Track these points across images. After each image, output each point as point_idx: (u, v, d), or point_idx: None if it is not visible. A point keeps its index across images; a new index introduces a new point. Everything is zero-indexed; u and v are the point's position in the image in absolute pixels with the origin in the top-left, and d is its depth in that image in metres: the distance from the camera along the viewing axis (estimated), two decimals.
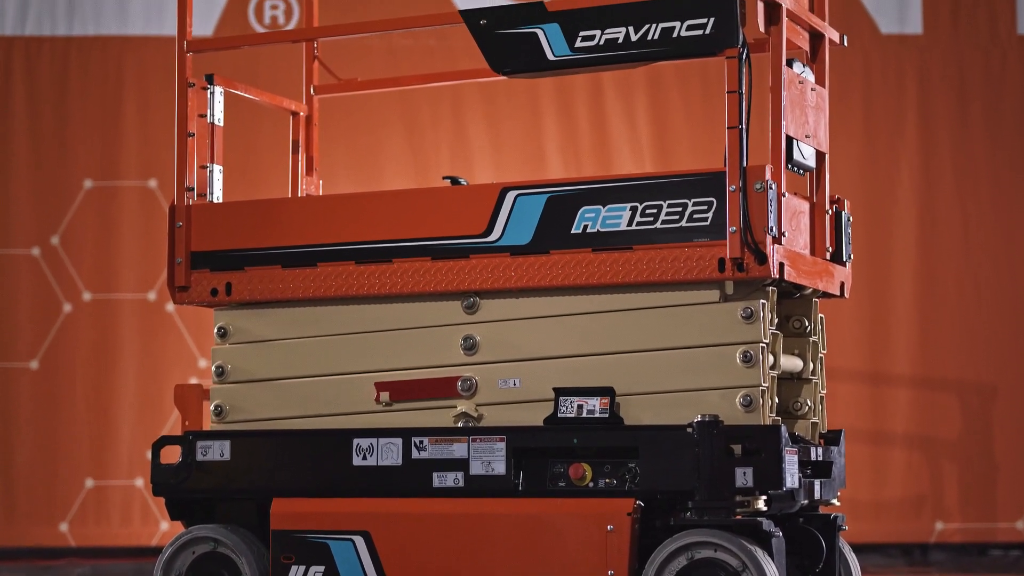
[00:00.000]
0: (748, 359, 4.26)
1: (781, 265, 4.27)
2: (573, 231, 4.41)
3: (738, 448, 4.20)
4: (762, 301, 4.28)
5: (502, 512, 4.38)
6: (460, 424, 4.53)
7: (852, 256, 4.76)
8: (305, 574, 4.54)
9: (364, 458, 4.55)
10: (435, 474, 4.47)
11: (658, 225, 4.33)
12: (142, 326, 8.08)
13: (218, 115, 4.91)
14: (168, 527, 7.92)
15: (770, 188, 4.23)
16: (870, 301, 7.93)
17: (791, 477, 4.23)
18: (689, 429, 4.23)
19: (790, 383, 4.66)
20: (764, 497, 4.23)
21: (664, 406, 4.33)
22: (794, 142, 4.43)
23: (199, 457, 4.72)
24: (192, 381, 7.05)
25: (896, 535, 7.92)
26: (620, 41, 4.37)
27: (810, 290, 4.60)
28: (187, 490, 4.75)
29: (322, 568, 4.53)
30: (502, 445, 4.42)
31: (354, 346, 4.67)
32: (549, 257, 4.43)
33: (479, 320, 4.55)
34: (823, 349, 4.72)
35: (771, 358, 4.33)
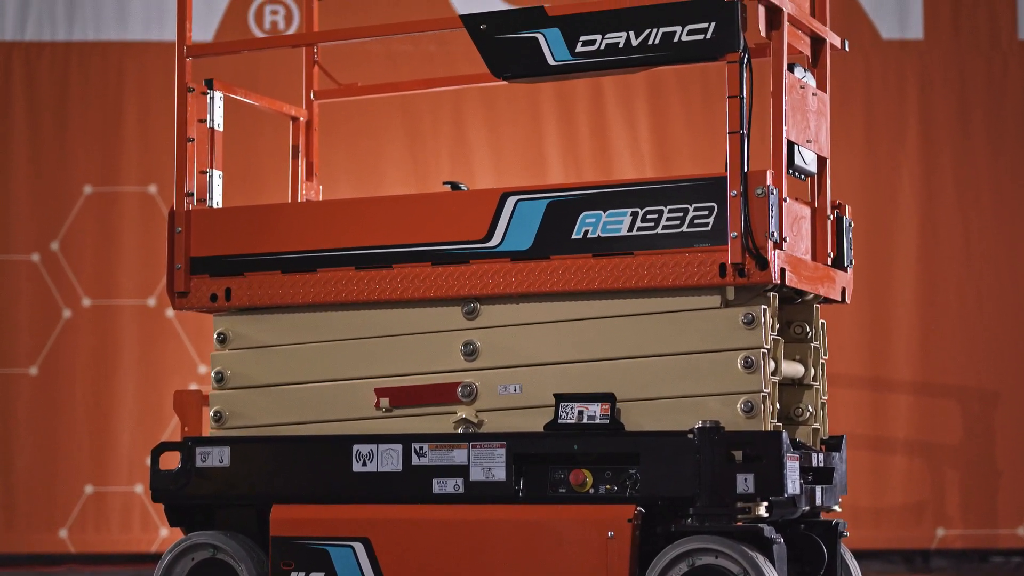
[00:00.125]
0: (749, 365, 4.25)
1: (782, 270, 4.26)
2: (574, 236, 4.40)
3: (739, 454, 4.19)
4: (763, 307, 4.27)
5: (502, 518, 4.37)
6: (460, 430, 4.52)
7: (853, 261, 4.74)
8: None
9: (364, 464, 4.54)
10: (435, 480, 4.46)
11: (659, 230, 4.32)
12: (142, 332, 8.07)
13: (218, 120, 4.90)
14: (168, 533, 7.91)
15: (771, 193, 4.22)
16: (871, 306, 7.91)
17: (792, 483, 4.22)
18: (690, 435, 4.22)
19: (791, 389, 4.65)
20: (765, 503, 4.23)
21: (665, 412, 4.32)
22: (795, 147, 4.42)
23: (198, 463, 4.71)
24: (192, 387, 7.04)
25: (897, 541, 7.91)
26: (621, 46, 4.36)
27: (811, 296, 4.59)
28: (186, 496, 4.73)
29: (322, 575, 4.51)
30: (502, 451, 4.41)
31: (354, 352, 4.66)
32: (550, 262, 4.42)
33: (479, 326, 4.54)
34: (824, 355, 4.71)
35: (772, 364, 4.31)
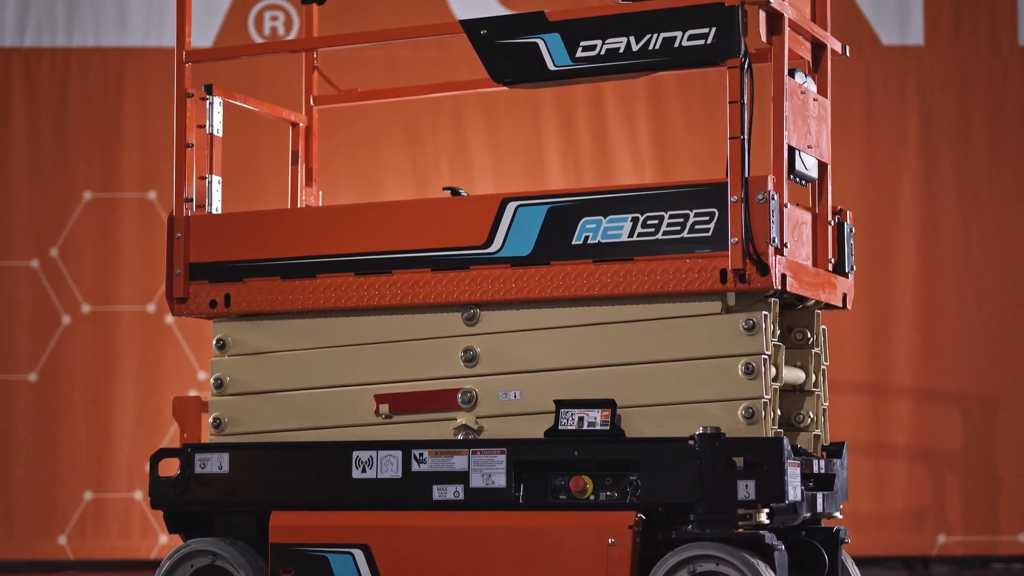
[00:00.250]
0: (750, 371, 4.24)
1: (783, 276, 4.25)
2: (574, 242, 4.39)
3: (740, 461, 4.18)
4: (764, 313, 4.26)
5: (502, 525, 4.36)
6: (460, 436, 4.50)
7: (855, 267, 4.74)
8: None
9: (364, 471, 4.53)
10: (435, 487, 4.45)
11: (659, 236, 4.31)
12: (141, 338, 8.06)
13: (217, 126, 4.89)
14: (167, 540, 7.90)
15: (772, 199, 4.21)
16: (871, 312, 7.91)
17: (793, 490, 4.21)
18: (691, 442, 4.21)
19: (792, 395, 4.64)
20: (766, 510, 4.21)
21: (666, 418, 4.31)
22: (796, 152, 4.41)
23: (197, 470, 4.70)
24: (191, 393, 7.03)
25: (898, 548, 7.90)
26: (621, 51, 4.35)
27: (812, 302, 4.58)
28: (185, 503, 4.72)
29: None
30: (502, 458, 4.40)
31: (353, 358, 4.65)
32: (550, 268, 4.41)
33: (479, 332, 4.53)
34: (825, 361, 4.70)
35: (773, 370, 4.30)
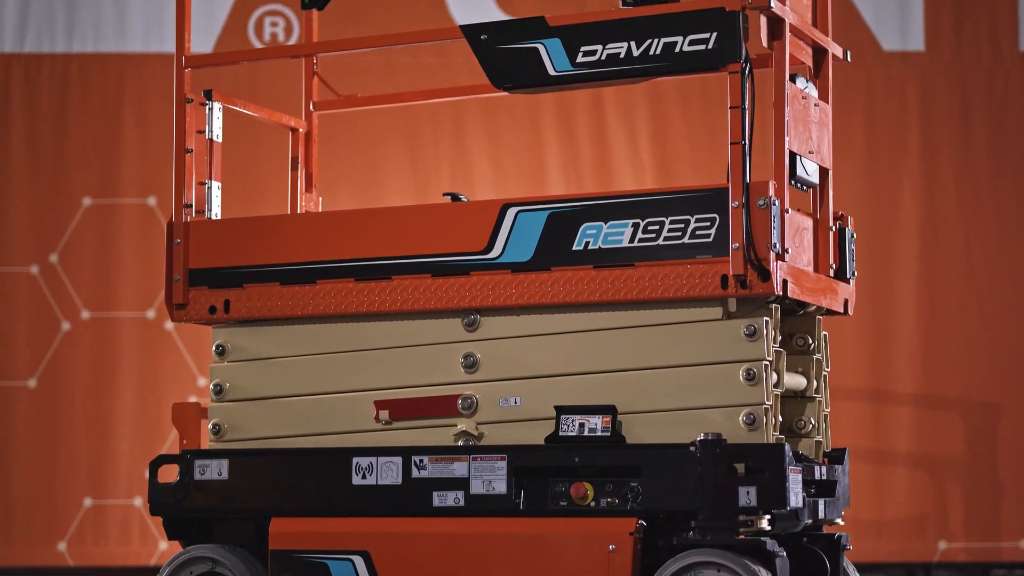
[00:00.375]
0: (751, 377, 4.23)
1: (784, 282, 4.24)
2: (575, 248, 4.38)
3: (741, 467, 4.17)
4: (765, 318, 4.25)
5: (503, 532, 4.35)
6: (460, 443, 4.49)
7: (856, 273, 4.72)
8: None
9: (363, 477, 4.52)
10: (435, 493, 4.44)
11: (660, 242, 4.30)
12: (141, 344, 8.05)
13: (216, 131, 4.88)
14: (167, 546, 7.88)
15: (773, 204, 4.20)
16: (872, 318, 7.89)
17: (795, 496, 4.20)
18: (692, 448, 4.20)
19: (794, 401, 4.63)
20: (768, 516, 4.20)
21: (667, 424, 4.30)
22: (797, 158, 4.40)
23: (197, 476, 4.69)
24: (191, 399, 7.01)
25: (899, 555, 7.89)
26: (622, 56, 4.35)
27: (814, 307, 4.57)
28: (185, 509, 4.71)
29: None
30: (503, 464, 4.39)
31: (353, 364, 4.64)
32: (550, 274, 4.40)
33: (480, 338, 4.52)
34: (827, 367, 4.68)
35: (774, 376, 4.29)
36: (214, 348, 4.79)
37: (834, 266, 4.62)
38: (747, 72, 4.23)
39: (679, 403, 4.30)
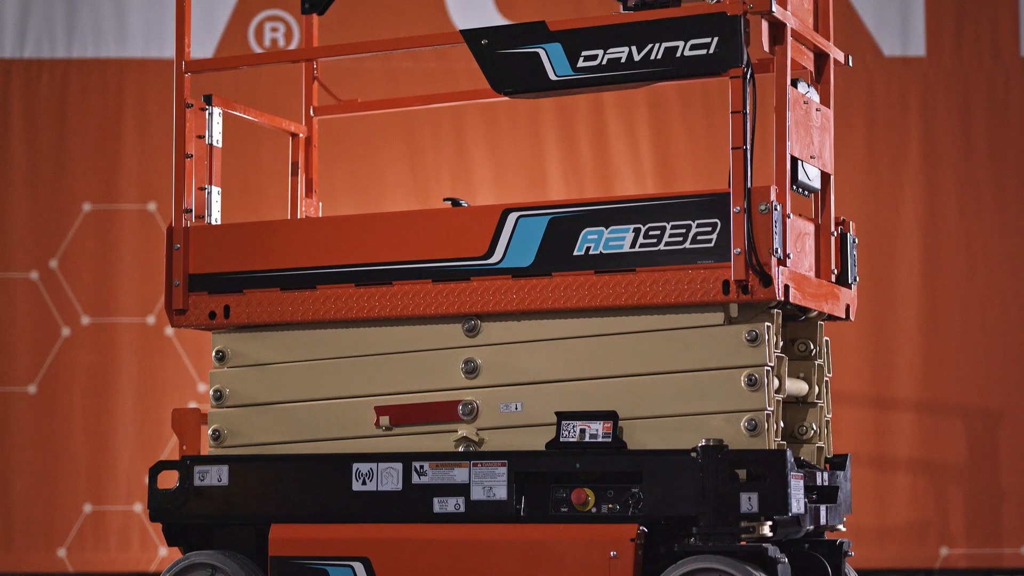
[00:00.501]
0: (753, 383, 4.22)
1: (786, 287, 4.23)
2: (575, 253, 4.37)
3: (743, 473, 4.16)
4: (767, 324, 4.24)
5: (503, 538, 4.34)
6: (461, 449, 4.48)
7: (858, 278, 4.71)
8: None
9: (364, 483, 4.51)
10: (435, 499, 4.43)
11: (661, 247, 4.29)
12: (141, 350, 8.04)
13: (216, 136, 4.87)
14: (167, 553, 7.87)
15: (775, 209, 4.19)
16: (873, 324, 7.88)
17: (797, 502, 4.18)
18: (693, 454, 4.19)
19: (795, 407, 4.62)
20: (769, 523, 4.19)
21: (668, 430, 4.29)
22: (799, 163, 4.39)
23: (197, 482, 4.68)
24: (191, 405, 7.00)
25: (901, 561, 7.87)
26: (623, 61, 4.34)
27: (815, 313, 4.56)
28: (185, 515, 4.70)
29: None
30: (503, 470, 4.37)
31: (354, 370, 4.63)
32: (551, 279, 4.39)
33: (480, 343, 4.51)
34: (828, 372, 4.67)
35: (776, 382, 4.28)
36: (214, 353, 4.78)
37: (836, 271, 4.61)
38: (748, 77, 4.22)
39: (680, 409, 4.29)
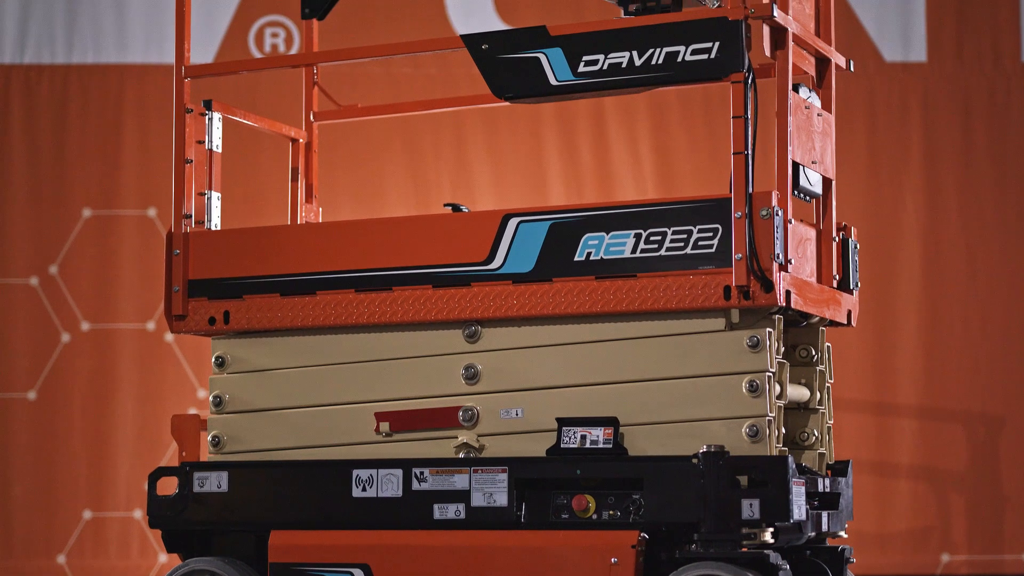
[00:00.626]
0: (754, 389, 4.20)
1: (788, 293, 4.22)
2: (576, 258, 4.36)
3: (744, 479, 4.15)
4: (768, 330, 4.23)
5: (504, 545, 4.33)
6: (461, 455, 4.47)
7: (859, 284, 4.70)
8: None
9: (364, 489, 4.49)
10: (436, 506, 4.42)
11: (662, 252, 4.28)
12: (141, 356, 8.03)
13: (216, 141, 4.86)
14: (166, 559, 7.86)
15: (776, 215, 4.18)
16: (874, 330, 7.87)
17: (798, 509, 4.17)
18: (694, 460, 4.18)
19: (797, 413, 4.61)
20: (771, 529, 4.18)
21: (669, 437, 4.28)
22: (800, 168, 4.38)
23: (196, 488, 4.66)
24: (191, 411, 6.99)
25: (902, 567, 7.86)
26: (624, 66, 4.33)
27: (817, 318, 4.55)
28: (184, 522, 4.69)
29: None
30: (504, 476, 4.36)
31: (354, 376, 4.62)
32: (552, 285, 4.38)
33: (481, 349, 4.50)
34: (830, 378, 4.66)
35: (777, 388, 4.27)
36: (213, 360, 4.77)
37: (837, 277, 4.60)
38: (750, 82, 4.21)
39: (681, 415, 4.28)
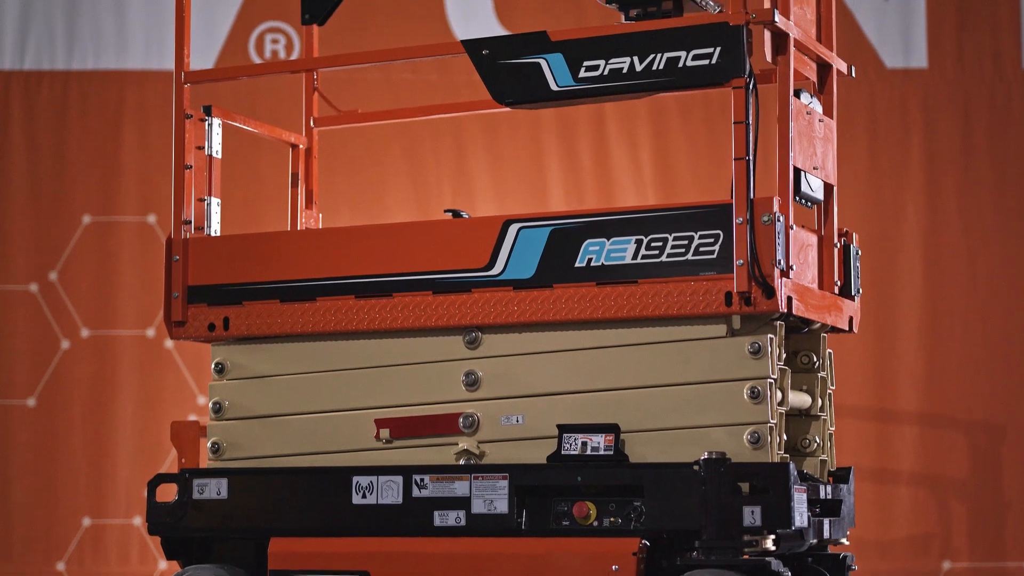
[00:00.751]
0: (756, 395, 4.19)
1: (789, 299, 4.21)
2: (577, 264, 4.35)
3: (746, 486, 4.14)
4: (770, 336, 4.22)
5: (505, 552, 4.31)
6: (462, 462, 4.46)
7: (861, 290, 4.69)
8: None
9: (364, 496, 4.48)
10: (436, 513, 4.41)
11: (663, 258, 4.27)
12: (141, 363, 8.02)
13: (216, 147, 4.85)
14: (166, 566, 7.85)
15: (778, 220, 4.17)
16: (875, 336, 7.86)
17: (800, 516, 4.16)
18: (696, 467, 4.17)
19: (798, 420, 4.60)
20: (773, 536, 4.17)
21: (670, 443, 4.27)
22: (802, 174, 4.37)
23: (195, 495, 4.65)
24: (191, 418, 6.98)
25: (904, 574, 7.85)
26: (625, 71, 4.32)
27: (818, 325, 4.54)
28: (183, 529, 4.68)
29: None
30: (504, 483, 4.35)
31: (354, 382, 4.61)
32: (552, 291, 4.37)
33: (481, 355, 4.49)
34: (832, 385, 4.65)
35: (779, 394, 4.26)
36: (213, 366, 4.76)
37: (839, 283, 4.59)
38: (751, 87, 4.20)
39: (682, 421, 4.27)
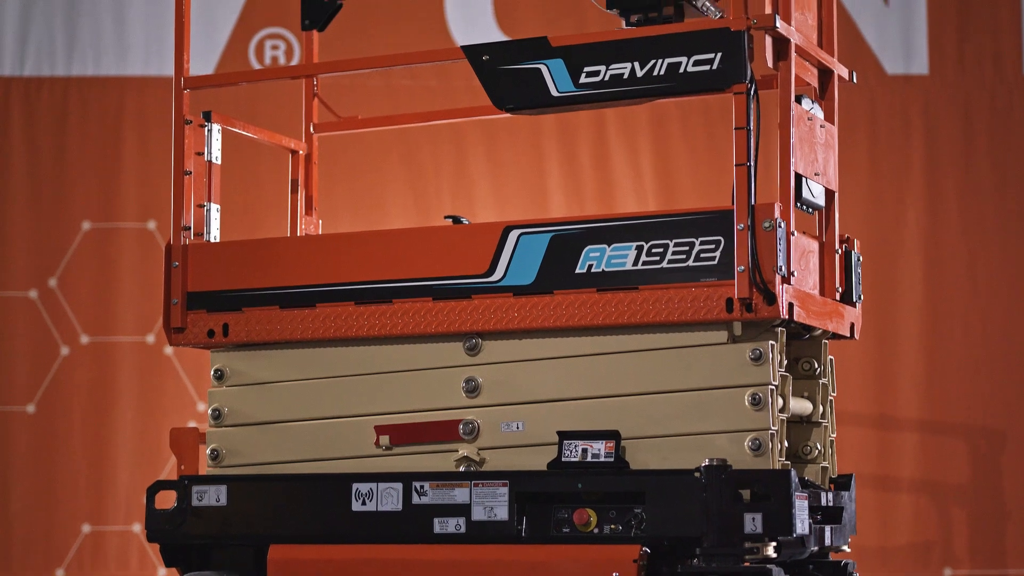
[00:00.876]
0: (757, 402, 4.18)
1: (790, 305, 4.20)
2: (577, 271, 4.33)
3: (747, 493, 4.12)
4: (771, 342, 4.20)
5: (505, 559, 4.30)
6: (462, 468, 4.45)
7: (862, 296, 4.68)
8: None
9: (363, 503, 4.47)
10: (436, 520, 4.39)
11: (664, 264, 4.26)
12: (140, 369, 8.01)
13: (216, 153, 4.84)
14: (165, 573, 7.83)
15: (779, 226, 4.15)
16: (875, 342, 7.86)
17: (801, 523, 4.15)
18: (697, 474, 4.15)
19: (799, 426, 4.58)
20: (774, 543, 4.15)
21: (671, 450, 4.26)
22: (803, 180, 4.35)
23: (195, 502, 4.64)
24: (190, 425, 6.97)
25: None
26: (625, 77, 4.31)
27: (820, 331, 4.52)
28: (182, 536, 4.66)
29: None
30: (505, 490, 4.34)
31: (353, 388, 4.59)
32: (553, 297, 4.36)
33: (481, 362, 4.48)
34: (833, 391, 4.64)
35: (780, 401, 4.24)
36: (212, 372, 4.75)
37: (840, 289, 4.58)
38: (752, 93, 4.19)
39: (683, 428, 4.26)
